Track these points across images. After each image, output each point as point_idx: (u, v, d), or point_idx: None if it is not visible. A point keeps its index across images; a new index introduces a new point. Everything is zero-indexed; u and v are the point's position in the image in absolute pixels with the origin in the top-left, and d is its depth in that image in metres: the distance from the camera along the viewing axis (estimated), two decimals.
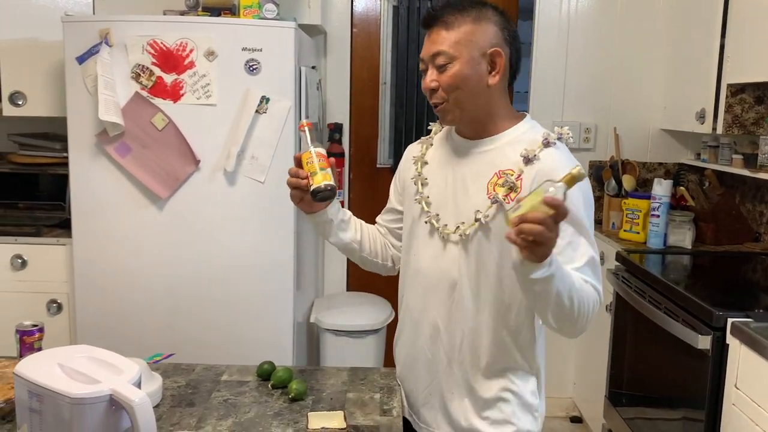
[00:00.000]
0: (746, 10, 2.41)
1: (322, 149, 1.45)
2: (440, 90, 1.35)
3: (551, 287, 1.19)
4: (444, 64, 1.34)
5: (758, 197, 2.81)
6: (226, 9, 2.58)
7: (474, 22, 1.34)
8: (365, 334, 2.73)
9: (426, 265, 1.45)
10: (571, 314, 1.25)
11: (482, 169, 1.39)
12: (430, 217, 1.43)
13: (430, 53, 1.35)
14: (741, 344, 1.75)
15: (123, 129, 2.36)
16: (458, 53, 1.32)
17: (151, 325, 2.49)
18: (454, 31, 1.33)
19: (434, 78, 1.35)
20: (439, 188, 1.45)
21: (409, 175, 1.52)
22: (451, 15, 1.35)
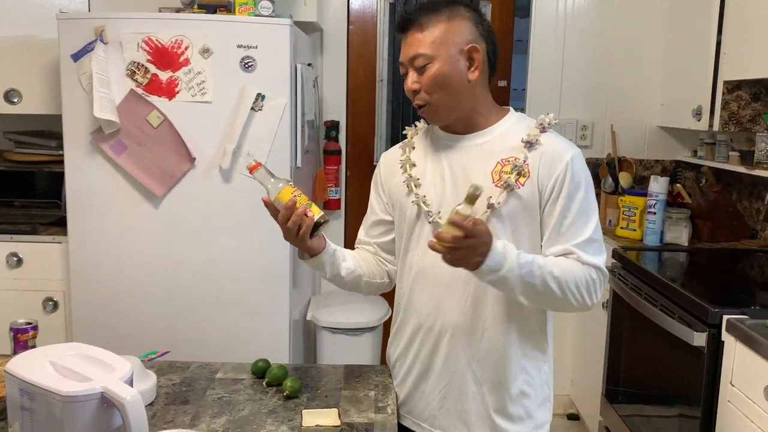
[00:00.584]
0: (743, 7, 2.41)
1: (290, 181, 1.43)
2: (422, 91, 1.37)
3: (507, 284, 1.29)
4: (423, 66, 1.36)
5: (755, 194, 2.81)
6: (222, 6, 2.58)
7: (448, 21, 1.37)
8: (362, 332, 2.73)
9: (436, 266, 1.40)
10: (548, 297, 1.33)
11: (482, 160, 1.40)
12: (432, 216, 1.42)
13: (408, 56, 1.37)
14: (736, 341, 1.75)
15: (118, 126, 2.35)
16: (435, 53, 1.35)
17: (146, 322, 2.48)
18: (428, 32, 1.36)
19: (415, 80, 1.37)
20: (436, 186, 1.44)
21: (396, 181, 1.50)
22: (425, 17, 1.37)
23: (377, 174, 1.58)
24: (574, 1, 3.13)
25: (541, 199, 1.37)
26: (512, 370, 1.43)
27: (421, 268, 1.46)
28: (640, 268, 2.38)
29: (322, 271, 1.48)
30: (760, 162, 2.43)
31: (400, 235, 1.52)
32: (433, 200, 1.43)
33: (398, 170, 1.50)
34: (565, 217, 1.35)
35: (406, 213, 1.47)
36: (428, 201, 1.44)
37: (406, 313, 1.51)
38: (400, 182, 1.49)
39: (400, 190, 1.49)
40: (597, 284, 1.36)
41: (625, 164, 3.06)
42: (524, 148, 1.38)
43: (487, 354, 1.42)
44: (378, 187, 1.58)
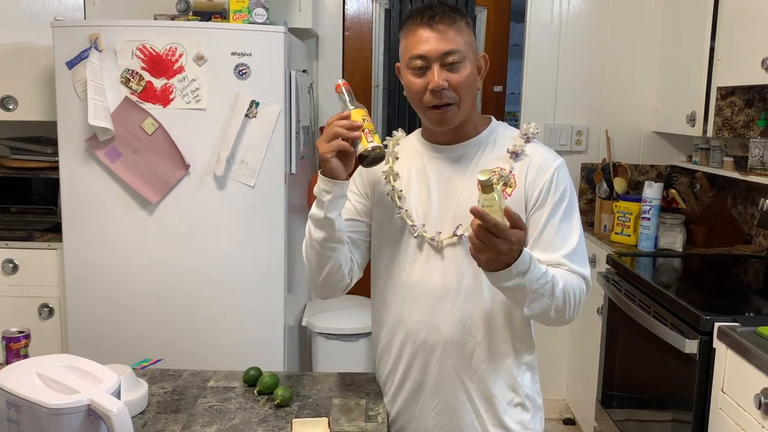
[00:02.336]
0: (735, 14, 2.42)
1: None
2: (451, 90, 1.33)
3: (524, 293, 1.24)
4: (456, 63, 1.32)
5: (749, 199, 2.82)
6: (217, 13, 2.59)
7: (467, 26, 1.37)
8: (357, 338, 2.73)
9: (424, 280, 1.40)
10: (550, 309, 1.29)
11: (468, 171, 1.39)
12: (417, 230, 1.40)
13: (441, 50, 1.31)
14: (727, 349, 1.75)
15: (113, 134, 2.36)
16: (467, 54, 1.34)
17: (142, 329, 2.49)
18: (459, 31, 1.33)
19: (445, 77, 1.32)
20: (421, 198, 1.42)
21: (380, 190, 1.47)
22: (454, 14, 1.34)
23: (357, 176, 1.51)
24: (569, 7, 3.14)
25: (526, 207, 1.37)
26: (506, 382, 1.43)
27: (409, 284, 1.43)
28: (634, 274, 2.39)
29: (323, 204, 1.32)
30: (754, 168, 2.44)
31: (380, 246, 1.48)
32: (419, 213, 1.41)
33: (382, 179, 1.47)
34: (551, 226, 1.35)
35: (390, 225, 1.45)
36: (413, 215, 1.41)
37: (394, 330, 1.47)
38: (384, 193, 1.46)
39: (385, 201, 1.46)
40: (584, 297, 1.35)
41: (620, 169, 3.06)
42: (510, 158, 1.39)
43: (480, 368, 1.41)
44: (358, 188, 1.51)
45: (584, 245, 1.39)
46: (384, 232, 1.46)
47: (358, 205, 1.50)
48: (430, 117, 1.37)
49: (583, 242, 1.39)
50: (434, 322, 1.41)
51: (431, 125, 1.41)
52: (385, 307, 1.48)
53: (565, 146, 3.16)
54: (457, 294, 1.39)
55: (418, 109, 1.40)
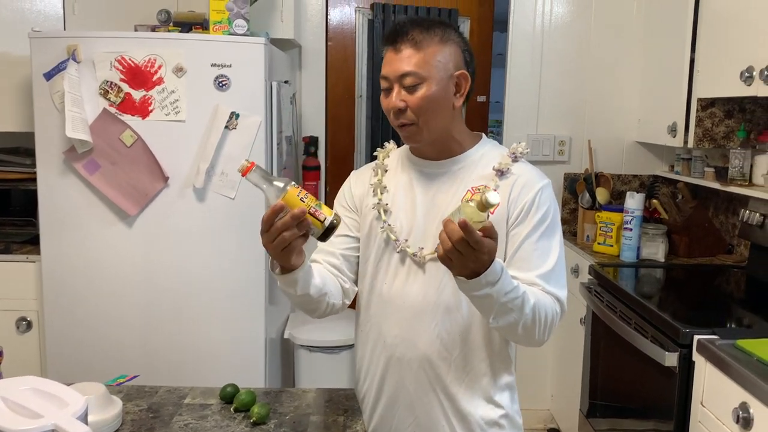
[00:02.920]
0: (715, 26, 2.43)
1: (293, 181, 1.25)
2: (408, 111, 1.33)
3: (489, 303, 1.21)
4: (413, 85, 1.31)
5: (730, 209, 2.83)
6: (197, 24, 2.57)
7: (440, 43, 1.34)
8: (340, 350, 2.71)
9: (404, 294, 1.40)
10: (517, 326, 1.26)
11: (453, 188, 1.39)
12: (399, 245, 1.40)
13: (398, 72, 1.32)
14: (707, 362, 1.75)
15: (91, 146, 2.33)
16: (428, 74, 1.31)
17: (121, 342, 2.46)
18: (422, 51, 1.32)
19: (402, 98, 1.32)
20: (406, 213, 1.42)
21: (368, 203, 1.47)
22: (419, 34, 1.32)
23: (347, 190, 1.52)
24: (551, 17, 3.15)
25: (507, 223, 1.36)
26: (482, 401, 1.42)
27: (389, 298, 1.43)
28: (615, 285, 2.39)
29: (292, 289, 1.29)
30: (735, 178, 2.45)
31: (365, 259, 1.48)
32: (403, 227, 1.41)
33: (370, 192, 1.47)
34: (528, 243, 1.34)
35: (375, 238, 1.45)
36: (397, 229, 1.41)
37: (374, 343, 1.47)
38: (371, 206, 1.46)
39: (371, 214, 1.46)
40: (557, 320, 1.33)
41: (603, 179, 3.07)
42: (495, 176, 1.38)
43: (456, 385, 1.40)
44: (347, 202, 1.51)
45: (563, 268, 1.37)
46: (369, 245, 1.46)
47: (349, 221, 1.49)
48: (400, 134, 1.40)
49: (562, 265, 1.37)
50: (411, 338, 1.40)
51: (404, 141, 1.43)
52: (367, 320, 1.48)
53: (547, 156, 3.16)
54: (436, 310, 1.38)
55: (393, 126, 1.41)
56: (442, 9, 3.35)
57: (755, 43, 2.14)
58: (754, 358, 1.62)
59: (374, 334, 1.46)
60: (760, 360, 1.61)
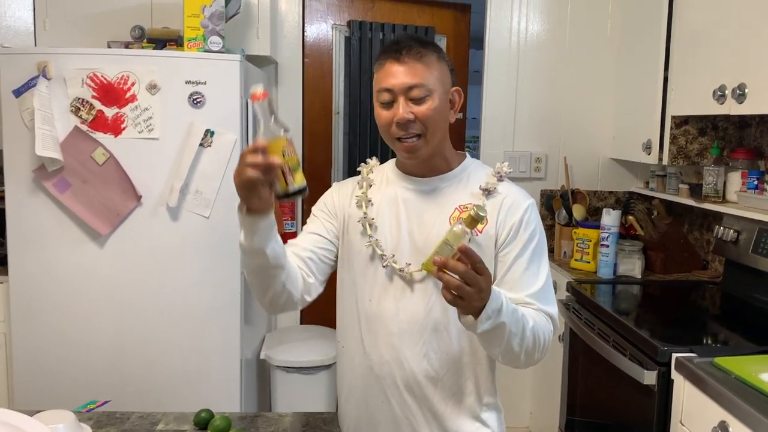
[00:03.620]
0: (687, 46, 2.46)
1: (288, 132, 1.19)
2: (417, 122, 1.33)
3: (501, 334, 1.20)
4: (422, 97, 1.32)
5: (705, 226, 2.86)
6: (172, 40, 2.55)
7: (438, 60, 1.36)
8: (317, 370, 2.67)
9: (391, 312, 1.38)
10: (521, 352, 1.26)
11: (440, 205, 1.39)
12: (386, 260, 1.38)
13: (406, 84, 1.32)
14: (685, 380, 1.75)
15: (62, 164, 2.28)
16: (434, 88, 1.34)
17: (91, 366, 2.40)
18: (427, 65, 1.34)
19: (411, 110, 1.32)
20: (392, 228, 1.40)
21: (350, 213, 1.45)
22: (421, 48, 1.34)
23: (329, 197, 1.50)
24: (526, 35, 3.17)
25: (496, 243, 1.36)
26: (470, 419, 1.40)
27: (373, 315, 1.40)
28: (593, 302, 2.39)
29: (249, 240, 1.22)
30: (708, 195, 2.47)
31: (347, 272, 1.45)
32: (389, 243, 1.39)
33: (354, 204, 1.45)
34: (519, 263, 1.34)
35: (360, 254, 1.42)
36: (383, 244, 1.40)
37: (357, 361, 1.44)
38: (355, 218, 1.44)
39: (356, 228, 1.43)
40: (551, 338, 1.33)
41: (579, 196, 3.08)
42: (482, 195, 1.38)
43: (444, 404, 1.39)
44: (327, 208, 1.48)
45: (551, 284, 1.38)
46: (352, 259, 1.43)
47: (327, 224, 1.47)
48: (398, 148, 1.38)
49: (550, 281, 1.38)
50: (398, 357, 1.38)
51: (401, 157, 1.41)
52: (350, 336, 1.46)
53: (524, 173, 3.17)
54: (424, 329, 1.37)
55: (387, 141, 1.39)
56: (419, 27, 3.36)
57: (727, 62, 2.17)
58: (732, 376, 1.62)
59: (357, 351, 1.43)
60: (738, 378, 1.61)
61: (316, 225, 1.47)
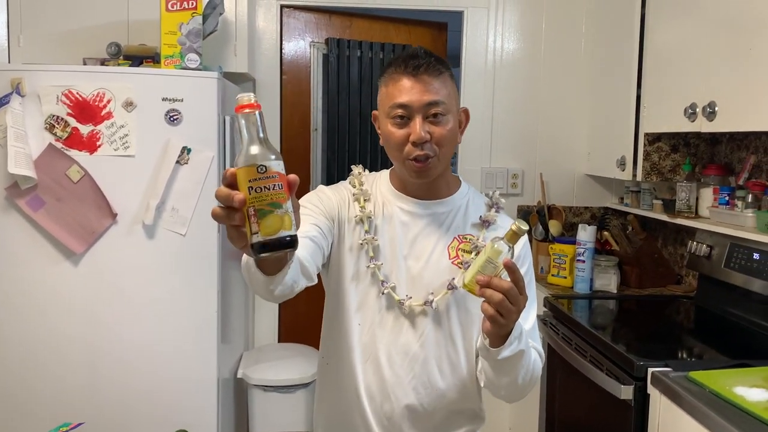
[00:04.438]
0: (659, 64, 2.51)
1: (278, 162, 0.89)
2: (432, 143, 1.26)
3: (519, 364, 1.20)
4: (441, 114, 1.26)
5: (678, 241, 2.90)
6: (149, 57, 2.54)
7: (451, 78, 1.31)
8: (295, 389, 2.65)
9: (384, 340, 1.33)
10: (524, 385, 1.26)
11: (438, 232, 1.34)
12: (387, 288, 1.31)
13: (424, 102, 1.25)
14: (661, 395, 1.76)
15: (35, 182, 2.25)
16: (451, 106, 1.28)
17: (65, 387, 2.35)
18: (443, 83, 1.27)
19: (427, 129, 1.26)
20: (390, 253, 1.33)
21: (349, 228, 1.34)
22: (438, 64, 1.28)
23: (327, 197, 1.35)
24: (502, 54, 3.21)
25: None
26: None
27: (363, 341, 1.34)
28: (570, 318, 2.41)
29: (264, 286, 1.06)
30: (681, 210, 2.51)
31: (343, 292, 1.35)
32: (387, 269, 1.33)
33: (351, 216, 1.34)
34: None
35: (359, 275, 1.33)
36: (383, 269, 1.32)
37: (346, 391, 1.37)
38: (353, 233, 1.34)
39: (353, 243, 1.33)
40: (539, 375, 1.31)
41: (555, 212, 3.11)
42: (483, 227, 1.36)
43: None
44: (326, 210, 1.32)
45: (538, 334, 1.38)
46: (351, 279, 1.34)
47: (323, 220, 1.31)
48: (409, 168, 1.30)
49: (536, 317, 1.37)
50: (387, 388, 1.33)
51: (408, 177, 1.33)
52: (338, 356, 1.37)
53: (501, 189, 3.19)
54: (415, 362, 1.33)
55: (395, 160, 1.32)
56: (396, 45, 3.38)
57: (697, 80, 2.21)
58: (707, 390, 1.64)
59: (344, 377, 1.36)
60: (713, 392, 1.63)
61: (313, 217, 1.29)
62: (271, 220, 0.86)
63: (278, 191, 0.87)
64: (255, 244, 0.87)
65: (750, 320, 2.26)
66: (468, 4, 3.18)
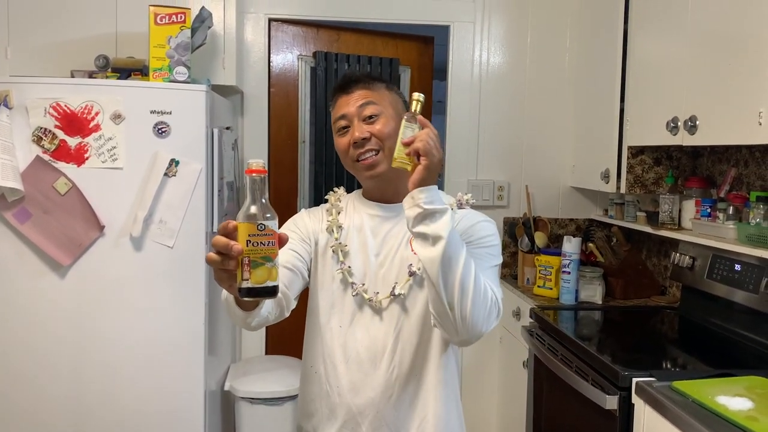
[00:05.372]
0: (641, 78, 2.56)
1: (275, 222, 1.04)
2: (373, 139, 1.40)
3: (446, 246, 1.19)
4: (375, 115, 1.41)
5: (662, 252, 2.94)
6: (137, 70, 2.54)
7: (388, 89, 1.48)
8: (282, 401, 2.64)
9: (361, 340, 1.41)
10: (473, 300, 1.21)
11: (403, 231, 1.42)
12: (357, 289, 1.41)
13: (357, 105, 1.41)
14: (645, 404, 1.78)
15: (22, 194, 2.25)
16: (384, 107, 1.43)
17: (52, 399, 2.34)
18: (375, 91, 1.44)
19: (366, 129, 1.40)
20: (360, 255, 1.44)
21: (321, 239, 1.47)
22: (368, 79, 1.46)
23: (302, 220, 1.49)
24: (488, 67, 3.25)
25: None
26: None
27: (342, 342, 1.43)
28: (556, 328, 2.43)
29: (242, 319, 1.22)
30: (665, 222, 2.55)
31: (318, 297, 1.46)
32: (358, 270, 1.43)
33: (325, 230, 1.47)
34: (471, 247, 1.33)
35: (332, 280, 1.44)
36: (353, 272, 1.42)
37: (324, 388, 1.45)
38: (324, 243, 1.46)
39: (326, 253, 1.45)
40: (495, 313, 1.28)
41: (541, 223, 3.15)
42: None
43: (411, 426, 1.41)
44: (302, 232, 1.47)
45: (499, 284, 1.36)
46: (324, 285, 1.45)
47: (301, 244, 1.44)
48: (359, 169, 1.43)
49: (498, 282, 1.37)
50: (368, 382, 1.40)
51: (363, 179, 1.46)
52: (317, 362, 1.46)
53: (487, 201, 3.23)
54: (393, 353, 1.40)
55: (348, 168, 1.46)
56: (384, 58, 3.42)
57: (679, 95, 2.26)
58: (690, 400, 1.67)
59: (327, 380, 1.44)
60: (696, 401, 1.65)
61: (291, 243, 1.39)
62: (262, 272, 1.01)
63: (272, 247, 1.01)
64: (243, 288, 1.02)
65: (732, 330, 2.30)
66: (454, 18, 3.23)
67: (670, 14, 2.35)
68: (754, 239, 2.05)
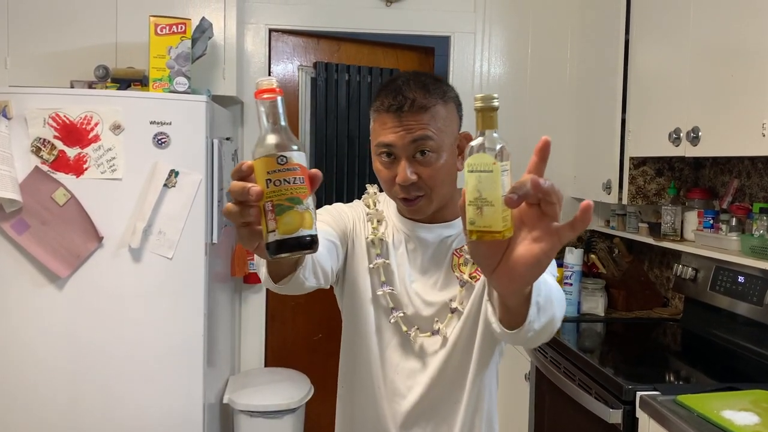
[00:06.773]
0: (643, 90, 2.55)
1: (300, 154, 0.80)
2: (420, 183, 1.18)
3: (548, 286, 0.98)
4: (430, 152, 1.17)
5: (664, 263, 2.92)
6: (137, 80, 2.54)
7: (443, 104, 1.19)
8: (282, 414, 2.62)
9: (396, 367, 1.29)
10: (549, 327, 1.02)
11: (442, 256, 1.29)
12: (395, 316, 1.28)
13: (408, 140, 1.16)
14: (649, 418, 1.76)
15: (20, 205, 2.24)
16: (441, 142, 1.17)
17: (51, 411, 2.32)
18: (433, 115, 1.16)
19: (414, 170, 1.17)
20: (398, 277, 1.29)
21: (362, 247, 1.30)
22: (423, 97, 1.16)
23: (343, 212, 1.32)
24: (488, 78, 3.25)
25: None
26: None
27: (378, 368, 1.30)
28: (558, 341, 2.40)
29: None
30: (667, 234, 2.53)
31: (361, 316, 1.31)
32: (398, 295, 1.28)
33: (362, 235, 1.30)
34: None
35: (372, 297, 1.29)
36: (395, 294, 1.28)
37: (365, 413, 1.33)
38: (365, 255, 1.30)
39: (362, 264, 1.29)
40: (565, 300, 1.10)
41: None
42: None
43: None
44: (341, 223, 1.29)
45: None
46: (368, 301, 1.30)
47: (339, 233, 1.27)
48: (400, 205, 1.26)
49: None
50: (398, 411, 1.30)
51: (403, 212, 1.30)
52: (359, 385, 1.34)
53: None
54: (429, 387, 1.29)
55: (388, 195, 1.27)
56: (384, 69, 3.41)
57: (681, 106, 2.25)
58: (695, 414, 1.65)
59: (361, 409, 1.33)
60: (701, 415, 1.63)
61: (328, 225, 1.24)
62: (291, 217, 0.77)
63: (299, 185, 0.78)
64: (271, 243, 0.78)
65: (736, 343, 2.28)
66: (455, 29, 3.22)
67: (672, 25, 2.35)
68: (758, 251, 2.03)
